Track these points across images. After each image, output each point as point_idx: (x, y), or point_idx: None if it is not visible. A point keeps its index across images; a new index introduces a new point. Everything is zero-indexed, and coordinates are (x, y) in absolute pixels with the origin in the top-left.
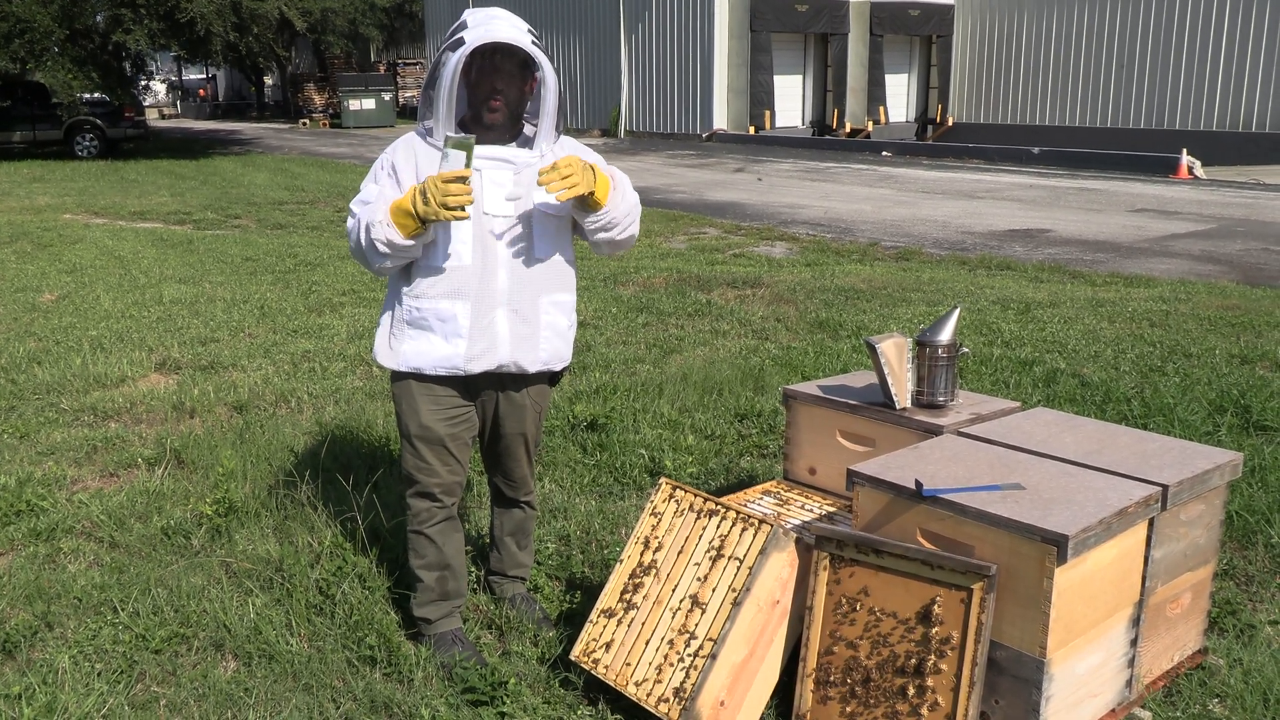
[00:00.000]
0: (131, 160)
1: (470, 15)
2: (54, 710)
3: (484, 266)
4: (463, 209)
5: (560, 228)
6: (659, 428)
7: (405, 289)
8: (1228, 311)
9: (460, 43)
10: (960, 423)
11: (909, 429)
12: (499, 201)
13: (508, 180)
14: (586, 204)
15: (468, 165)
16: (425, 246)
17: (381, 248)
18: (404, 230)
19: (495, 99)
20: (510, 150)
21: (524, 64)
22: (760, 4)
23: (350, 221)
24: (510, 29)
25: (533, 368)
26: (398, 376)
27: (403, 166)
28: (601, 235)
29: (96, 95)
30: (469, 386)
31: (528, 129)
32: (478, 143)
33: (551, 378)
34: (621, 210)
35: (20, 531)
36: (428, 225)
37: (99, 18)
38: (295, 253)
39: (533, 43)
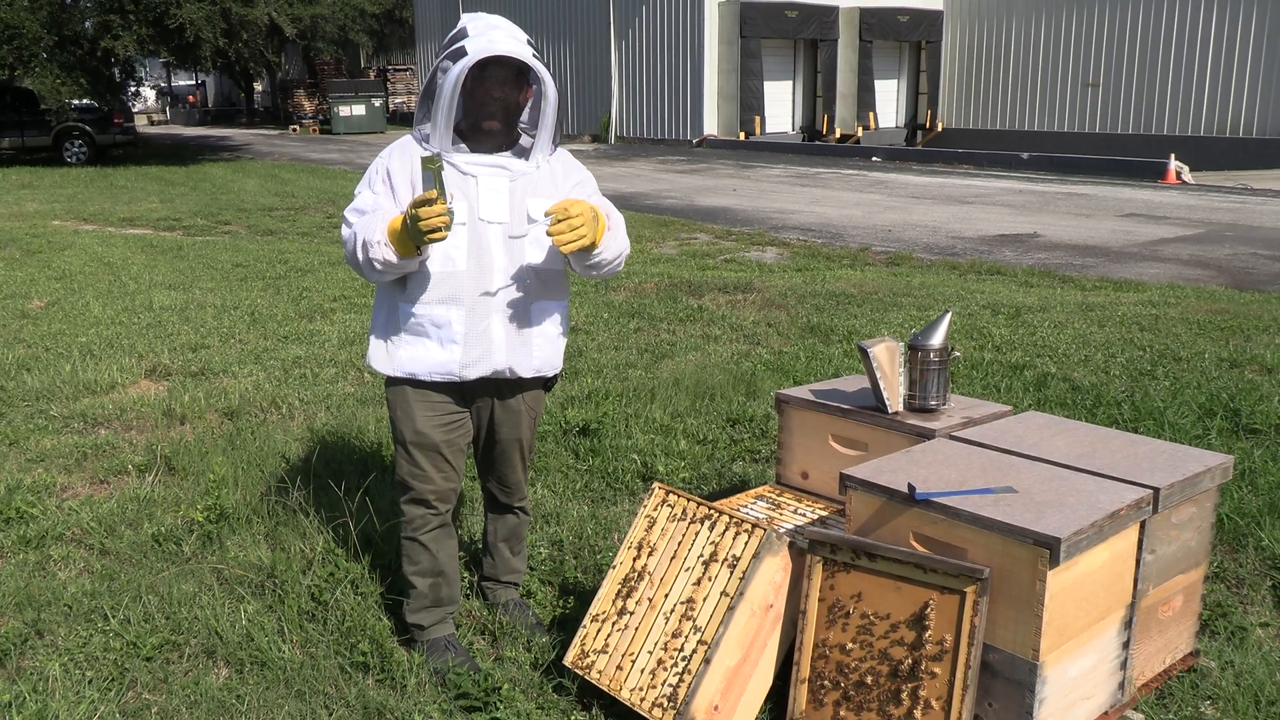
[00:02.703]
0: (121, 166)
1: (470, 24)
2: (45, 718)
3: (479, 273)
4: (440, 230)
5: None
6: (651, 433)
7: (400, 294)
8: (1216, 316)
9: (461, 53)
10: (952, 426)
11: (901, 433)
12: (494, 208)
13: (503, 187)
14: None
15: (436, 186)
16: None
17: (379, 266)
18: (402, 250)
19: (492, 107)
20: (506, 158)
21: (520, 71)
22: (750, 10)
23: (345, 230)
24: (511, 40)
25: (527, 373)
26: (393, 382)
27: (398, 172)
28: (587, 270)
29: (85, 101)
30: (464, 392)
31: (524, 139)
32: (474, 149)
33: (546, 383)
34: (612, 252)
35: (10, 539)
36: (423, 247)
37: (88, 23)
38: (286, 259)
39: (534, 55)
